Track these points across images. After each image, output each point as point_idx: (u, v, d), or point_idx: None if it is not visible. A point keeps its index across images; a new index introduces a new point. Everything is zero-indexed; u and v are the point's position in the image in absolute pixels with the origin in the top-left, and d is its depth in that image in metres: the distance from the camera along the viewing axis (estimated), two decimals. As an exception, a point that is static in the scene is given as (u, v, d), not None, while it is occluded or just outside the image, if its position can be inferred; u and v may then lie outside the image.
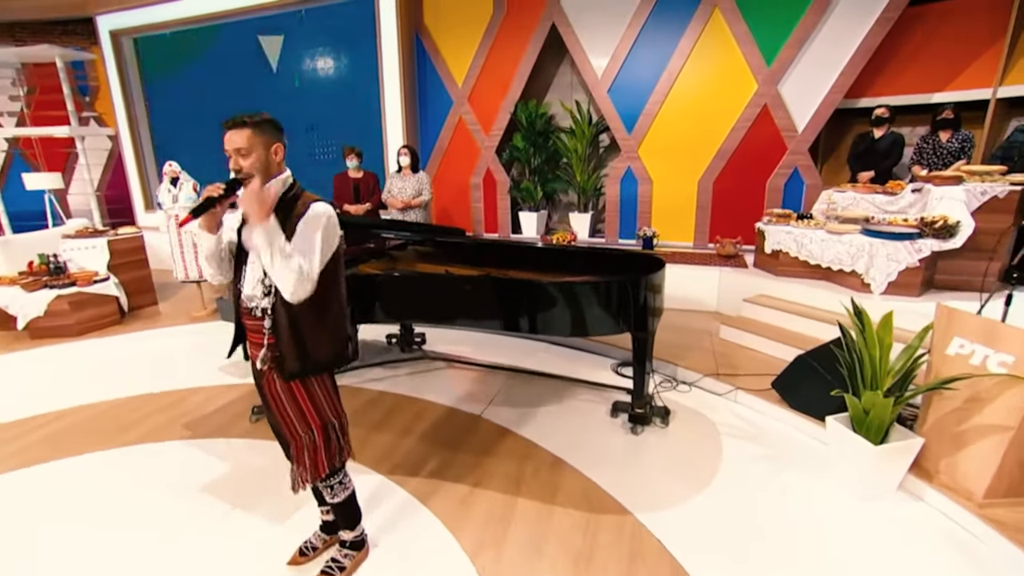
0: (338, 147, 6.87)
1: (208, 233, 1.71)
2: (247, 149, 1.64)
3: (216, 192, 1.62)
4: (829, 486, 2.60)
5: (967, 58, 4.97)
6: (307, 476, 1.83)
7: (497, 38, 6.12)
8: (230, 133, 1.65)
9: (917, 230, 3.89)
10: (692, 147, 5.78)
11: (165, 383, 3.86)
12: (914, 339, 2.53)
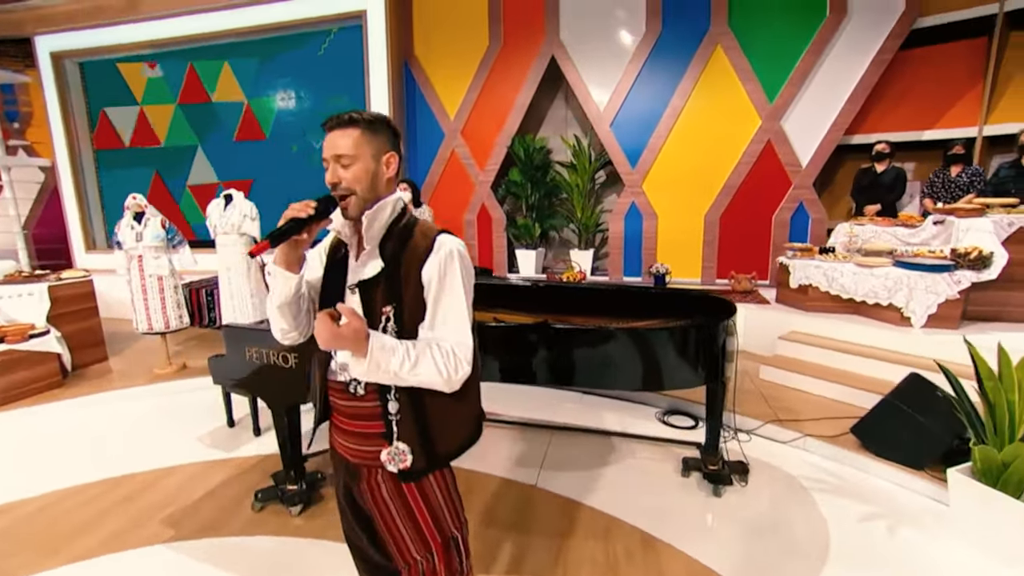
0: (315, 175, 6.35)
1: (286, 271, 1.21)
2: (352, 156, 1.18)
3: (305, 212, 1.15)
4: (958, 548, 2.31)
5: (952, 98, 5.21)
6: None
7: (493, 70, 5.92)
8: (332, 134, 1.19)
9: (952, 262, 3.85)
10: (697, 182, 5.71)
11: (127, 463, 3.10)
12: (1014, 375, 2.32)
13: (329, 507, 2.63)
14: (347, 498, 1.37)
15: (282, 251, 1.19)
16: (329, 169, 1.20)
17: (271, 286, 1.23)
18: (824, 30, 5.07)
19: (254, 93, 6.51)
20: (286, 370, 2.44)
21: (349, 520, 1.38)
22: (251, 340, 2.50)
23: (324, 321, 1.05)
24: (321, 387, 1.32)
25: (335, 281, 1.29)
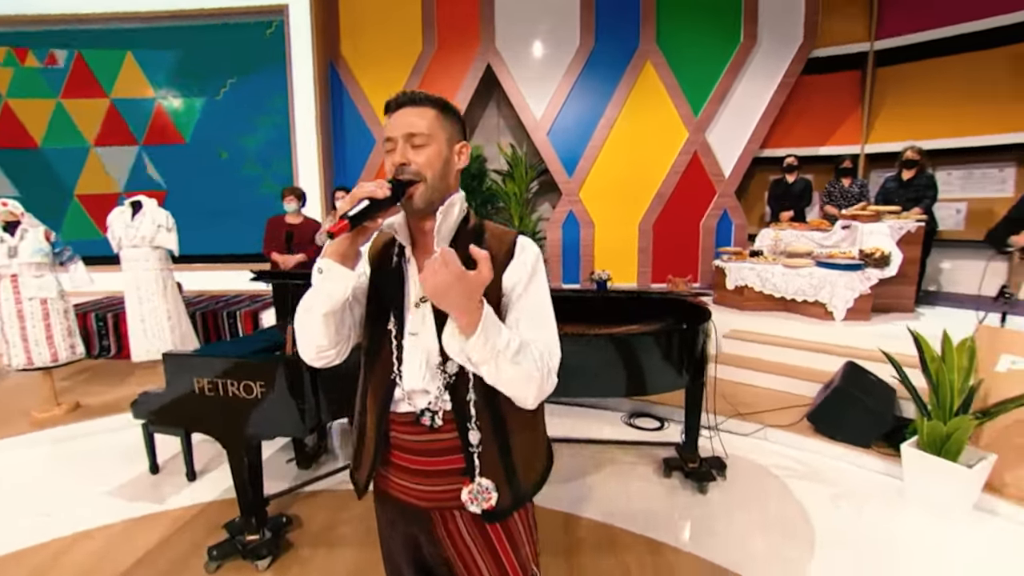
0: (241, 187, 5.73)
1: (342, 267, 0.97)
2: (427, 136, 1.00)
3: (383, 193, 0.95)
4: (914, 514, 2.55)
5: (839, 120, 5.94)
6: None
7: (427, 75, 5.74)
8: (404, 111, 1.01)
9: (861, 262, 4.33)
10: (631, 190, 5.94)
11: (25, 532, 2.50)
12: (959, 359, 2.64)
13: (301, 555, 2.30)
14: (406, 550, 1.16)
15: (341, 242, 0.95)
16: (397, 150, 1.01)
17: (318, 288, 0.98)
18: (739, 54, 5.54)
19: (167, 90, 5.71)
20: (250, 402, 2.10)
21: (411, 565, 1.17)
22: (202, 369, 2.12)
23: (449, 257, 0.86)
24: (379, 422, 1.10)
25: (390, 289, 1.08)
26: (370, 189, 0.92)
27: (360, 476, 1.14)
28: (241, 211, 5.61)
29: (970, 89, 5.26)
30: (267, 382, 2.07)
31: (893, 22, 5.49)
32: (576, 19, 5.59)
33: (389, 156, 1.02)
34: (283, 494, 2.65)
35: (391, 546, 1.19)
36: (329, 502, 2.68)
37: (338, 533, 2.44)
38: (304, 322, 1.02)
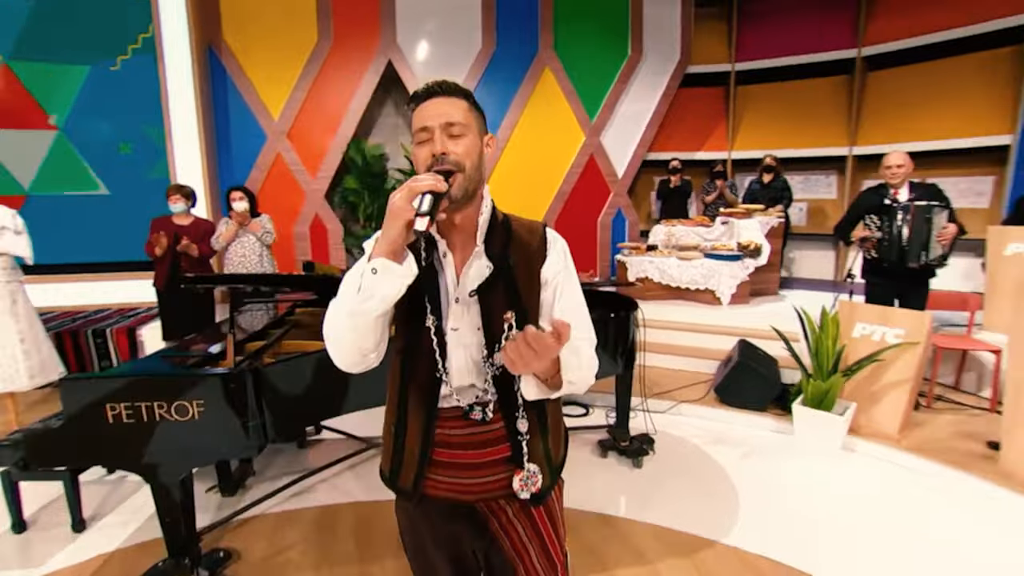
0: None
1: (401, 265, 0.91)
2: (464, 126, 0.99)
3: (443, 186, 0.91)
4: (805, 460, 3.02)
5: (710, 129, 6.74)
6: None
7: (324, 69, 5.42)
8: (437, 100, 0.99)
9: (740, 253, 4.98)
10: (534, 189, 6.17)
11: None
12: (832, 329, 3.18)
13: (246, 589, 2.08)
14: (446, 549, 1.14)
15: (395, 240, 0.90)
16: (436, 139, 0.99)
17: (372, 290, 0.92)
18: (627, 66, 6.04)
19: (25, 55, 4.61)
20: (185, 424, 1.85)
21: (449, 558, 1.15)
22: (116, 394, 1.81)
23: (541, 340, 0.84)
24: (427, 421, 1.06)
25: (425, 285, 1.05)
26: (429, 183, 0.89)
27: (405, 482, 1.09)
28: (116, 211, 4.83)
29: (804, 110, 6.30)
30: (207, 400, 1.84)
31: (747, 49, 6.38)
32: (478, 21, 5.67)
33: (424, 146, 1.00)
34: (213, 527, 2.36)
35: (426, 548, 1.15)
36: (266, 528, 2.44)
37: (284, 559, 2.24)
38: (351, 327, 0.96)
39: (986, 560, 2.20)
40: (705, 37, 6.37)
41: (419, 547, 1.17)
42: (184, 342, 2.51)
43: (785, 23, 6.16)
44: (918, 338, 2.98)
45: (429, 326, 1.03)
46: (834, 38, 5.92)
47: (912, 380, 3.04)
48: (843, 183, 6.21)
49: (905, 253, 3.15)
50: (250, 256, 3.96)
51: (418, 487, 1.08)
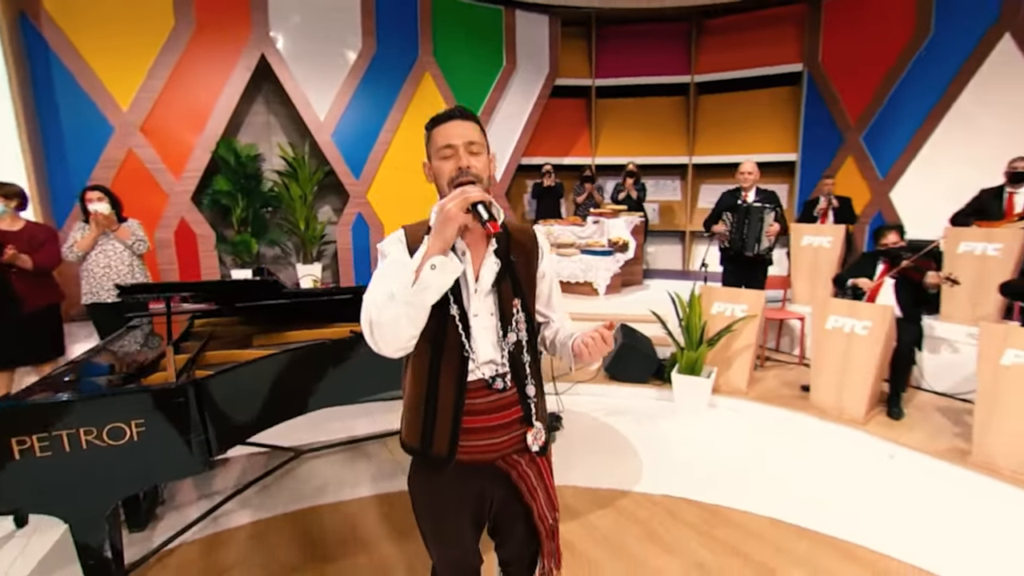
0: None
1: (454, 260, 1.11)
2: (479, 146, 1.22)
3: (488, 196, 1.12)
4: (682, 420, 3.65)
5: (577, 136, 7.47)
6: (559, 562, 1.40)
7: (185, 58, 4.89)
8: (456, 123, 1.20)
9: (611, 249, 5.66)
10: (418, 193, 6.23)
11: None
12: (698, 308, 3.87)
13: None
14: (469, 504, 1.31)
15: (450, 241, 1.09)
16: (460, 155, 1.18)
17: (429, 282, 1.07)
18: (503, 76, 6.43)
19: None
20: (119, 448, 1.70)
21: (469, 534, 1.33)
22: (24, 425, 1.60)
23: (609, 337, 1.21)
24: (458, 394, 1.22)
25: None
26: (479, 194, 1.08)
27: (439, 449, 1.23)
28: None
29: (652, 123, 7.32)
30: (149, 418, 1.71)
31: (604, 67, 7.20)
32: (356, 21, 5.58)
33: (449, 160, 1.20)
34: (138, 565, 2.14)
35: (449, 510, 1.31)
36: (195, 556, 2.28)
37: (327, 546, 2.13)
38: (407, 315, 1.09)
39: (805, 470, 2.95)
40: (570, 53, 7.04)
41: (444, 510, 1.32)
42: (67, 367, 2.21)
43: (634, 48, 7.09)
44: (756, 312, 3.78)
45: (454, 314, 1.21)
46: (673, 65, 6.99)
47: (753, 345, 3.85)
48: (685, 187, 7.35)
49: (744, 243, 3.97)
50: (118, 266, 3.50)
51: (452, 453, 1.24)
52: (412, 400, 1.28)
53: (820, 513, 2.52)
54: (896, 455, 3.06)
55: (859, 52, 5.73)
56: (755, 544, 2.32)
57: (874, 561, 2.20)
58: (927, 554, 2.22)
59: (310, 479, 2.90)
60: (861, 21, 5.72)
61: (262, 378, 2.07)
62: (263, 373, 2.08)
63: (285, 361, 2.16)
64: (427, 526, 1.37)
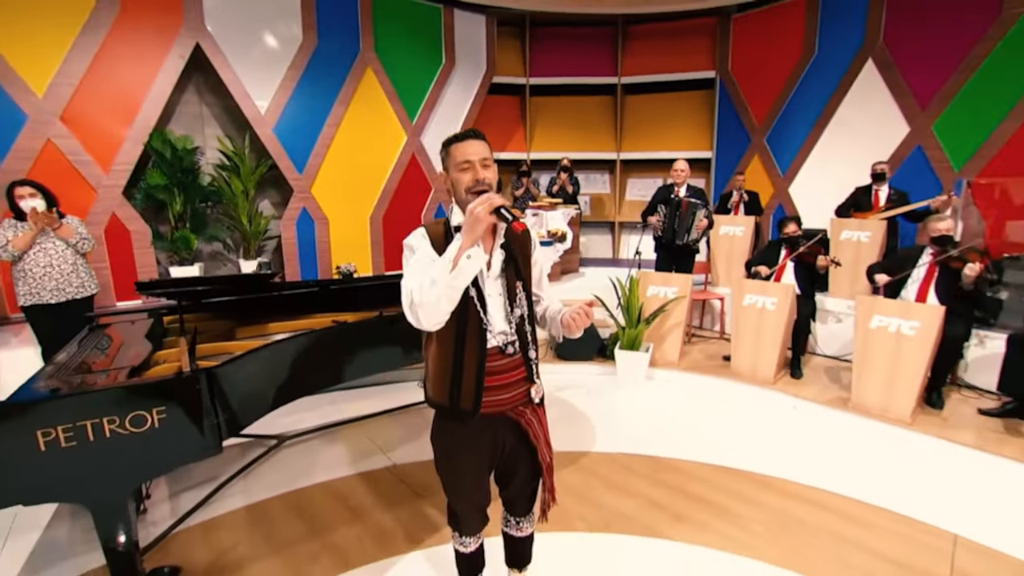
0: None
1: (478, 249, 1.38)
2: (490, 160, 1.52)
3: (508, 201, 1.43)
4: (625, 390, 4.13)
5: (514, 131, 7.80)
6: (554, 495, 1.73)
7: (108, 41, 4.61)
8: (471, 141, 1.50)
9: (551, 239, 6.06)
10: (361, 186, 6.30)
11: None
12: (636, 291, 4.35)
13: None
14: (489, 449, 1.60)
15: (479, 237, 1.36)
16: (476, 168, 1.47)
17: (465, 269, 1.35)
18: (443, 72, 6.59)
19: None
20: (140, 435, 1.80)
21: (484, 476, 1.65)
22: (52, 417, 1.67)
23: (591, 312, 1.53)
24: (480, 358, 1.51)
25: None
26: (501, 200, 1.37)
27: (466, 404, 1.52)
28: None
29: (583, 121, 7.81)
30: (169, 405, 1.83)
31: (538, 66, 7.56)
32: (297, 16, 5.51)
33: (467, 172, 1.49)
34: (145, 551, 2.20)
35: (470, 455, 1.60)
36: (194, 540, 2.37)
37: (235, 558, 2.27)
38: (447, 296, 1.37)
39: (729, 423, 3.51)
40: (506, 53, 7.32)
41: (466, 456, 1.60)
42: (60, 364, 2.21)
43: (565, 49, 7.51)
44: (685, 293, 4.33)
45: (473, 295, 1.49)
46: (602, 67, 7.49)
47: (683, 323, 4.40)
48: (614, 180, 7.93)
49: (676, 234, 4.51)
50: (60, 266, 3.36)
51: (477, 407, 1.53)
52: (440, 365, 1.55)
53: (741, 456, 3.06)
54: (797, 406, 3.71)
55: (762, 63, 6.52)
56: (694, 484, 2.80)
57: (782, 487, 2.75)
58: (821, 478, 2.81)
59: (295, 463, 3.04)
60: (763, 36, 6.51)
61: (266, 365, 2.22)
62: (266, 361, 2.22)
63: (287, 349, 2.31)
64: (450, 471, 1.65)
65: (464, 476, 1.65)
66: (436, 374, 1.57)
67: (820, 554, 2.25)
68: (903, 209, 4.68)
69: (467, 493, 1.68)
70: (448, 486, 1.69)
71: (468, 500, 1.69)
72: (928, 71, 5.23)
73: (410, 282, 1.41)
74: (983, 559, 2.21)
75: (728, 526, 2.45)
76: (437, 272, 1.36)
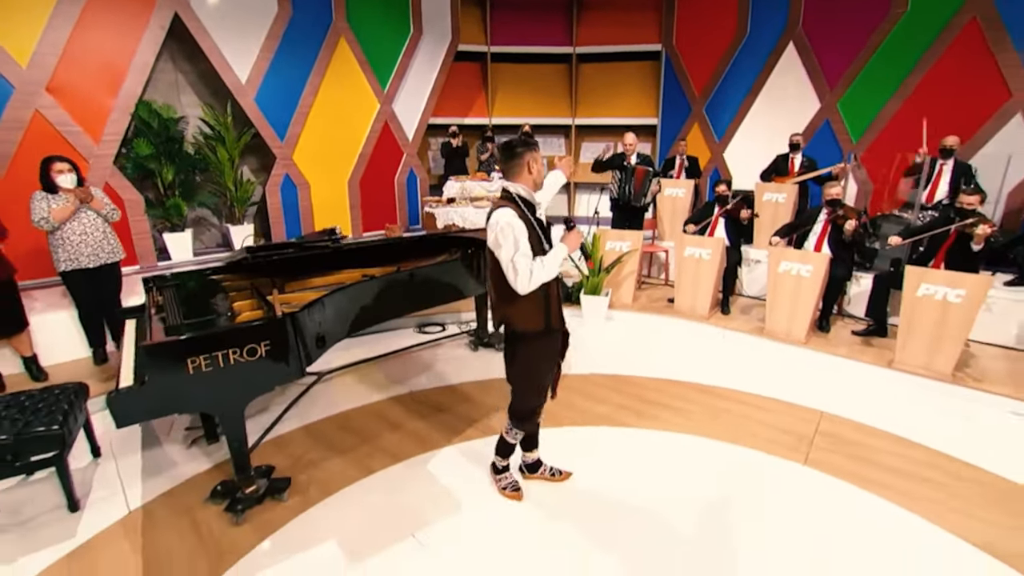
0: None
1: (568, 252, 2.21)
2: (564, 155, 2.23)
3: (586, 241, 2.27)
4: (589, 330, 4.98)
5: (476, 97, 8.24)
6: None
7: (88, 10, 4.69)
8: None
9: (518, 200, 6.71)
10: (338, 152, 6.66)
11: None
12: (598, 245, 5.14)
13: (301, 481, 2.75)
14: (556, 356, 2.38)
15: (572, 249, 2.18)
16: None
17: (561, 261, 2.13)
18: (411, 42, 6.90)
19: None
20: (252, 363, 2.40)
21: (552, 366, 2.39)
22: (195, 349, 2.25)
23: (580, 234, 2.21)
24: (559, 292, 2.29)
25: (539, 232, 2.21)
26: (581, 238, 2.09)
27: (556, 323, 2.28)
28: None
29: (540, 87, 8.34)
30: (273, 339, 2.43)
31: (498, 35, 7.96)
32: (271, -15, 5.67)
33: (545, 167, 2.14)
34: (237, 456, 2.82)
35: (550, 364, 2.36)
36: (274, 450, 3.01)
37: (309, 459, 2.94)
38: (552, 275, 2.09)
39: (672, 349, 4.45)
40: (468, 21, 7.66)
41: (549, 362, 2.34)
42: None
43: (524, 19, 7.93)
44: (637, 247, 5.17)
45: (546, 248, 2.20)
46: (557, 36, 7.99)
47: (636, 272, 5.27)
48: (569, 144, 8.59)
49: (631, 197, 5.31)
50: (93, 233, 3.72)
51: (562, 322, 2.30)
52: (533, 304, 2.20)
53: (683, 371, 3.99)
54: (726, 335, 4.70)
55: (702, 39, 7.27)
56: (648, 392, 3.70)
57: (713, 391, 3.70)
58: (739, 383, 3.78)
59: (333, 394, 3.69)
60: (703, 15, 7.23)
61: (329, 310, 2.82)
62: (330, 306, 2.83)
63: (342, 298, 2.92)
64: (537, 379, 2.37)
65: (545, 380, 2.39)
66: (530, 310, 2.21)
67: (736, 429, 3.20)
68: (812, 175, 5.68)
69: (544, 393, 2.41)
70: (534, 391, 2.38)
71: (543, 397, 2.42)
72: (837, 54, 6.16)
73: (528, 263, 2.05)
74: (836, 425, 3.24)
75: (674, 416, 3.36)
76: (552, 264, 2.08)
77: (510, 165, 2.22)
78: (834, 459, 2.91)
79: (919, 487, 2.67)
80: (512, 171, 2.23)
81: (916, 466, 2.85)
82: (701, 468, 2.85)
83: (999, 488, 2.67)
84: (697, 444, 3.07)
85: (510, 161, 2.21)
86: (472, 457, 2.94)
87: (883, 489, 2.65)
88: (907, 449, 3.00)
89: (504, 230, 2.07)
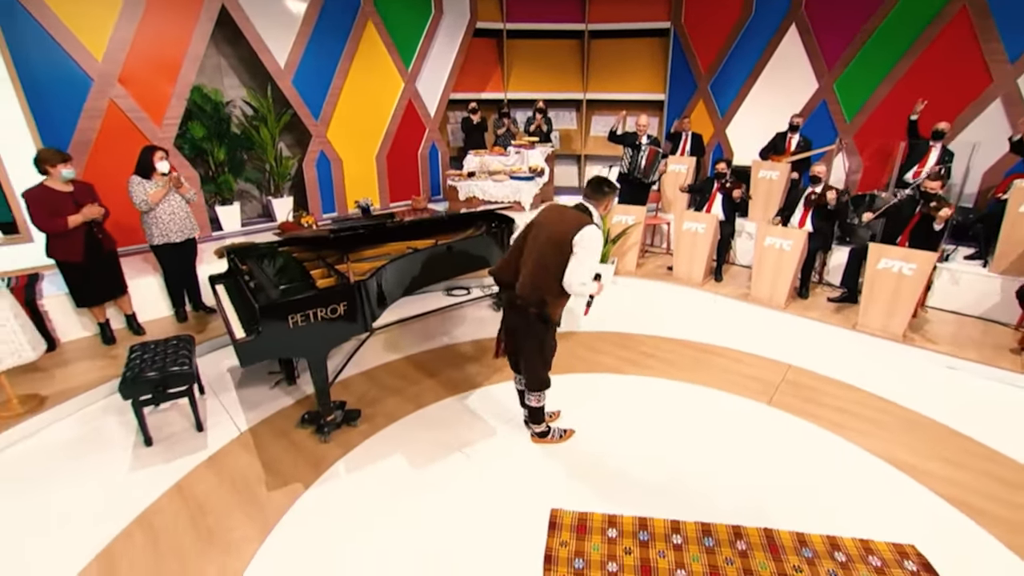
0: None
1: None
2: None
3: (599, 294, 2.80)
4: (599, 295, 5.64)
5: (492, 73, 8.65)
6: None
7: (150, 8, 5.21)
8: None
9: (532, 175, 7.28)
10: (367, 130, 7.20)
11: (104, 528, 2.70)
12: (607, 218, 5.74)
13: (369, 413, 3.50)
14: None
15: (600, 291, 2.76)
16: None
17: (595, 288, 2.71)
18: (432, 22, 7.31)
19: None
20: (334, 319, 3.10)
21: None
22: (294, 309, 2.94)
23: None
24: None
25: None
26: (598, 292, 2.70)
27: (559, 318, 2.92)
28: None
29: (553, 63, 8.72)
30: (349, 300, 3.12)
31: (513, 13, 8.30)
32: (303, -28, 6.09)
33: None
34: (316, 393, 3.57)
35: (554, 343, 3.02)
36: (340, 391, 3.76)
37: (370, 397, 3.69)
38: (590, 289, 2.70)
39: (671, 311, 5.12)
40: (485, 2, 8.01)
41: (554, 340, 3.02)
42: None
43: (538, -3, 8.27)
44: (641, 220, 5.77)
45: None
46: (571, 14, 8.32)
47: (639, 242, 5.89)
48: (580, 118, 9.04)
49: (641, 173, 5.88)
50: (178, 212, 4.38)
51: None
52: (562, 303, 2.88)
53: (677, 330, 4.67)
54: (716, 300, 5.35)
55: (709, 18, 7.59)
56: (645, 347, 4.39)
57: (701, 346, 4.39)
58: (725, 339, 4.46)
59: (383, 346, 4.43)
60: (711, -6, 7.53)
61: (390, 275, 3.51)
62: (390, 272, 3.52)
63: (402, 263, 3.60)
64: (552, 354, 3.03)
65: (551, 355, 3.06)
66: (561, 304, 2.89)
67: (716, 377, 3.91)
68: (806, 154, 6.17)
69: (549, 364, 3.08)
70: (550, 363, 3.04)
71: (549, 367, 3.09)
72: (836, 36, 6.52)
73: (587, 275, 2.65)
74: (800, 375, 3.94)
75: (665, 366, 4.07)
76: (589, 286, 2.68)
77: (597, 197, 2.82)
78: (793, 401, 3.61)
79: (852, 420, 3.38)
80: (595, 199, 2.82)
81: (855, 406, 3.55)
82: (684, 407, 3.57)
83: (917, 422, 3.37)
84: (682, 388, 3.78)
85: (599, 194, 2.82)
86: (501, 396, 3.67)
87: (826, 423, 3.36)
88: (851, 393, 3.70)
89: (591, 244, 2.66)
